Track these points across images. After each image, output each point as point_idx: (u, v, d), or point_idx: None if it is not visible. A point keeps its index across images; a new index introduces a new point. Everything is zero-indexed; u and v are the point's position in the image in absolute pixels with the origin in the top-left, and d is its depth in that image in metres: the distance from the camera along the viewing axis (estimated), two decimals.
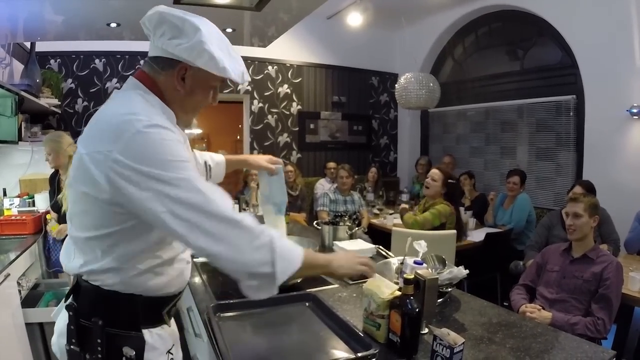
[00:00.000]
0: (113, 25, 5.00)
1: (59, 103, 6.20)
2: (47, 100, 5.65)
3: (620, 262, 3.41)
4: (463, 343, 1.56)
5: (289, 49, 8.13)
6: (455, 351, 1.53)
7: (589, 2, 5.87)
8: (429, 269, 2.23)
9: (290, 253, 1.49)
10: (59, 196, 4.35)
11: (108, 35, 5.42)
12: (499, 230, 5.64)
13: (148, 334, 1.54)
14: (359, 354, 1.62)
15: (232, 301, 2.15)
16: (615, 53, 5.63)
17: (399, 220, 5.24)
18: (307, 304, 2.18)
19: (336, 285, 2.58)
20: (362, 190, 7.35)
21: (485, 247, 5.14)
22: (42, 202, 4.94)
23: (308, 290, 2.34)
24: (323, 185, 7.25)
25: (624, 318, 3.76)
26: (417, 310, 1.68)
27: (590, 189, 4.65)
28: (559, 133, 6.69)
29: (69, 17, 4.67)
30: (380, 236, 5.40)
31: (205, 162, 2.22)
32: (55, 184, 4.56)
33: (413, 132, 9.61)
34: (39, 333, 3.77)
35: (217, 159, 2.33)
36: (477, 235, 5.41)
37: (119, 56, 6.93)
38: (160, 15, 1.55)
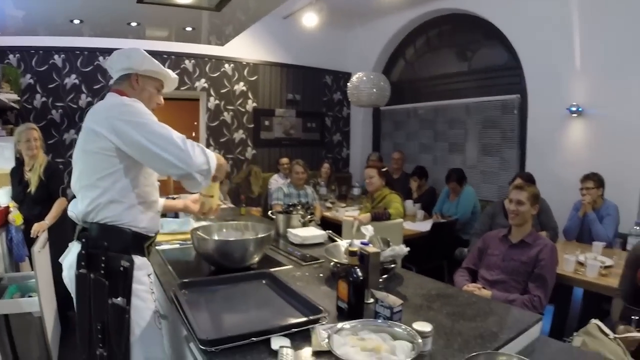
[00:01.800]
0: (76, 21, 5.08)
1: (18, 98, 6.16)
2: (7, 96, 5.61)
3: (559, 248, 3.70)
4: (402, 304, 1.79)
5: (245, 47, 8.26)
6: (394, 311, 1.76)
7: (532, 7, 6.21)
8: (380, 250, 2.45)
9: (212, 156, 2.22)
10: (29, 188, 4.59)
11: (68, 31, 5.50)
12: (444, 221, 5.90)
13: (135, 258, 2.17)
14: (311, 317, 1.83)
15: (195, 279, 2.38)
16: (556, 55, 5.99)
17: (350, 213, 5.46)
18: (263, 281, 2.39)
19: (290, 266, 2.81)
20: (315, 185, 7.53)
21: (431, 236, 5.39)
22: (3, 196, 5.00)
23: (264, 270, 2.55)
24: (277, 181, 7.38)
25: (564, 299, 4.06)
26: (361, 278, 1.90)
27: (530, 179, 4.96)
28: (504, 130, 7.03)
29: (30, 12, 4.74)
30: (332, 228, 5.55)
31: None
32: (17, 176, 4.69)
33: (365, 129, 9.87)
34: (4, 325, 3.83)
35: None
36: (424, 226, 5.67)
37: (77, 52, 6.86)
38: (120, 52, 2.37)
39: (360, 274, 1.91)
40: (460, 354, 1.62)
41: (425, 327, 1.65)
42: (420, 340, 1.54)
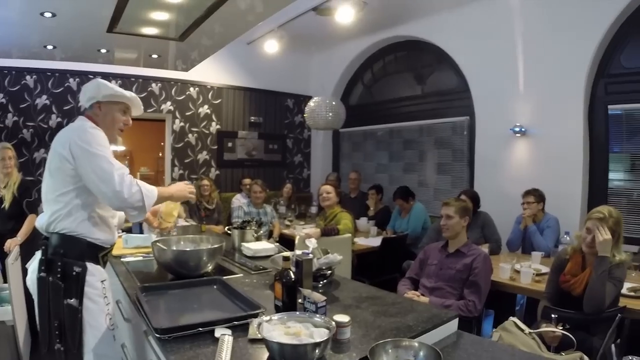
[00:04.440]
0: (50, 47, 5.32)
1: None
2: None
3: (501, 258, 4.05)
4: (325, 300, 2.10)
5: (210, 72, 8.54)
6: (319, 306, 2.08)
7: (479, 35, 6.67)
8: (314, 258, 2.76)
9: (151, 192, 2.50)
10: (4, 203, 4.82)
11: (40, 54, 5.73)
12: (394, 236, 6.24)
13: (89, 265, 2.48)
14: (250, 312, 2.14)
15: (154, 284, 2.69)
16: (501, 79, 6.42)
17: (306, 230, 5.77)
18: (214, 286, 2.69)
19: (241, 275, 3.12)
20: (275, 204, 7.83)
21: (382, 251, 5.70)
22: None
23: (216, 277, 2.84)
24: (239, 200, 7.62)
25: (505, 305, 4.43)
26: (292, 280, 2.22)
27: (473, 196, 5.33)
28: (454, 150, 7.44)
29: (6, 36, 4.97)
30: (291, 244, 5.88)
31: None
32: None
33: (325, 151, 10.24)
34: None
35: None
36: (375, 241, 5.97)
37: (49, 74, 7.03)
38: (83, 88, 2.69)
39: (292, 276, 2.22)
40: (375, 342, 1.87)
41: (343, 318, 1.96)
42: (334, 324, 1.85)
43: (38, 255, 2.49)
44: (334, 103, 7.12)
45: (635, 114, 5.50)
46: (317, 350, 1.72)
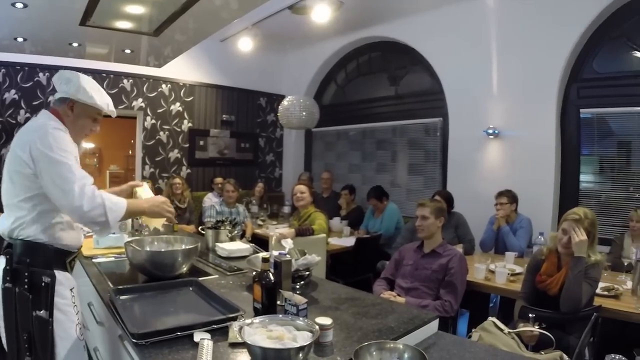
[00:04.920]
0: (20, 39, 5.20)
1: None
2: None
3: (475, 259, 4.05)
4: (306, 302, 2.06)
5: (182, 68, 8.41)
6: (300, 308, 2.03)
7: (454, 38, 6.71)
8: (292, 259, 2.72)
9: (117, 206, 2.34)
10: None
11: (10, 47, 5.59)
12: (367, 236, 6.22)
13: (57, 273, 2.33)
14: (229, 315, 2.08)
15: (129, 286, 2.60)
16: (475, 82, 6.46)
17: (279, 230, 5.73)
18: (190, 288, 2.63)
19: (217, 276, 3.06)
20: (247, 204, 7.76)
21: (356, 251, 5.70)
22: None
23: (192, 278, 2.78)
24: (210, 199, 7.49)
25: (480, 305, 4.46)
26: (272, 281, 2.17)
27: (447, 197, 5.35)
28: (427, 151, 7.48)
29: None
30: (263, 244, 5.82)
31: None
32: None
33: (297, 150, 10.19)
34: None
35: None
36: (349, 241, 5.97)
37: (18, 67, 6.84)
38: (62, 74, 2.50)
39: (271, 277, 2.17)
40: (357, 344, 1.85)
41: (326, 321, 1.93)
42: (317, 327, 1.81)
43: (2, 263, 2.33)
44: (307, 102, 7.11)
45: (606, 118, 5.62)
46: (300, 355, 1.68)
